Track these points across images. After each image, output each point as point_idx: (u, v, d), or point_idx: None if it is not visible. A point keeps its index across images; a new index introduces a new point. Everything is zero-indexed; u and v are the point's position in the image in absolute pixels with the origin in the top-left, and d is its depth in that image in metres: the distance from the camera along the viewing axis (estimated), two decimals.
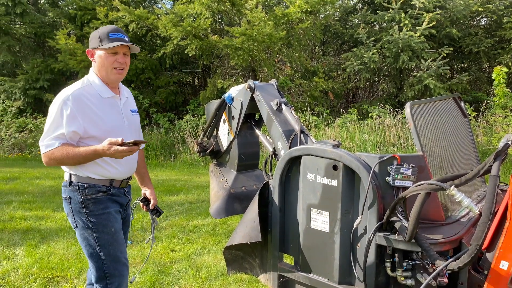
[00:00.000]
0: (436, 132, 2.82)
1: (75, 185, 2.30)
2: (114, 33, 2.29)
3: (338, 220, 2.36)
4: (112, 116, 2.35)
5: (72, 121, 2.21)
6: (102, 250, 2.30)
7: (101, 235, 2.30)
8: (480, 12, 10.51)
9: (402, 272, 2.18)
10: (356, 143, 7.87)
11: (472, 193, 2.90)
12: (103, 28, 2.32)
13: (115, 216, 2.37)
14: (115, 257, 2.33)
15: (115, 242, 2.34)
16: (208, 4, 9.97)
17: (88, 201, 2.28)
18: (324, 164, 2.38)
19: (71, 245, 4.33)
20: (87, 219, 2.28)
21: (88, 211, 2.28)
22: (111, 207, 2.36)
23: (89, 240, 2.31)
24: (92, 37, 2.33)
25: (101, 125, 2.28)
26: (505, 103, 8.36)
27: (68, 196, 2.31)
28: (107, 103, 2.34)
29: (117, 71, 2.35)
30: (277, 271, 2.71)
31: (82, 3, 11.48)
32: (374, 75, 10.89)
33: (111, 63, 2.31)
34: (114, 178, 2.37)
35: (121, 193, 2.45)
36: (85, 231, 2.31)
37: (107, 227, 2.31)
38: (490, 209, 1.85)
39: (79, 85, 2.31)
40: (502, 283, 2.02)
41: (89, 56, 2.35)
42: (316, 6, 10.03)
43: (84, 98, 2.26)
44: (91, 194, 2.29)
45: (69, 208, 2.32)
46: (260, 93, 3.03)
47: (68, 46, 10.62)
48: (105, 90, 2.35)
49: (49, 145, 2.21)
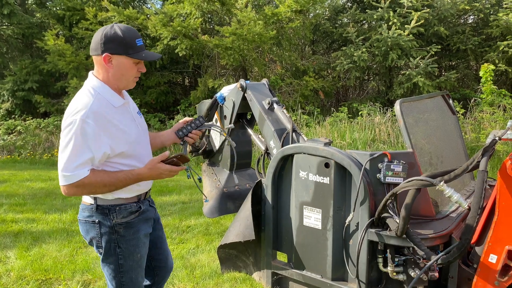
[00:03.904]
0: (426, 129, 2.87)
1: (104, 208, 2.09)
2: (139, 38, 2.06)
3: (331, 217, 2.39)
4: (130, 126, 2.14)
5: (99, 142, 1.95)
6: (124, 275, 2.18)
7: (126, 262, 2.16)
8: (467, 11, 10.64)
9: (394, 268, 2.22)
10: (347, 141, 7.92)
11: (462, 189, 2.96)
12: (126, 31, 2.02)
13: (143, 241, 2.24)
14: (136, 282, 2.25)
15: (139, 268, 2.24)
16: (197, 4, 9.95)
17: (119, 226, 2.11)
18: (316, 162, 2.41)
19: (64, 247, 4.31)
20: (116, 244, 2.12)
21: (119, 236, 2.12)
22: (141, 230, 2.20)
23: (113, 266, 2.17)
24: (111, 39, 1.99)
25: (126, 138, 2.07)
26: (493, 100, 8.48)
27: (96, 221, 2.09)
28: (120, 113, 2.10)
29: (136, 79, 2.16)
30: (271, 269, 2.73)
31: (70, 4, 11.39)
32: (363, 73, 10.96)
33: (134, 74, 2.10)
34: (142, 192, 2.22)
35: (148, 206, 2.30)
36: (110, 257, 2.15)
37: (134, 254, 2.18)
38: (479, 204, 1.89)
39: (90, 97, 2.00)
40: (491, 276, 2.07)
41: (105, 60, 2.01)
42: (305, 5, 10.07)
43: (103, 112, 1.99)
44: (122, 217, 2.11)
45: (96, 233, 2.11)
46: (252, 92, 3.04)
47: (57, 47, 10.53)
48: (116, 98, 2.09)
49: (76, 174, 1.91)
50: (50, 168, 8.98)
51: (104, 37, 1.99)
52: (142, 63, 2.11)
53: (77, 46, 12.11)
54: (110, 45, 1.99)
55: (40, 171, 8.56)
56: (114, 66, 2.03)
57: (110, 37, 1.99)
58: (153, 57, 2.11)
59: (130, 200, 2.16)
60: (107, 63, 2.02)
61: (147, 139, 2.31)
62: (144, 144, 2.26)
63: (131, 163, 2.13)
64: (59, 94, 12.09)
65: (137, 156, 2.17)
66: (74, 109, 1.95)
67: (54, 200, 6.15)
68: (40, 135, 10.87)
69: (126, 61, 2.03)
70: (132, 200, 2.17)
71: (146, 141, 2.29)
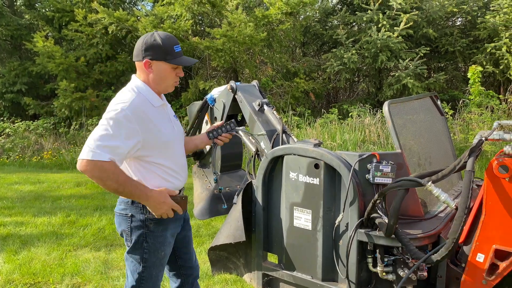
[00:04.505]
0: (414, 130, 2.90)
1: (139, 203, 2.18)
2: (177, 45, 2.18)
3: (321, 218, 2.40)
4: (166, 125, 2.25)
5: (132, 134, 2.03)
6: (145, 270, 2.26)
7: (150, 257, 2.25)
8: (455, 13, 10.76)
9: (384, 268, 2.23)
10: (337, 142, 7.96)
11: (450, 189, 2.99)
12: (165, 39, 2.15)
13: (169, 240, 2.32)
14: (155, 280, 2.32)
15: (160, 266, 2.32)
16: (188, 6, 9.95)
17: (150, 221, 2.21)
18: (306, 163, 2.42)
19: (53, 250, 4.27)
20: (144, 239, 2.21)
21: (148, 231, 2.21)
22: (170, 228, 2.30)
23: (136, 259, 2.25)
24: (151, 46, 2.13)
25: (160, 137, 2.16)
26: (480, 101, 8.58)
27: (129, 214, 2.21)
28: (158, 112, 2.21)
29: (175, 84, 2.29)
30: (262, 270, 2.73)
31: (59, 5, 11.31)
32: (353, 75, 11.03)
33: (173, 78, 2.23)
34: (175, 190, 2.29)
35: None
36: (137, 250, 2.24)
37: (159, 251, 2.27)
38: (466, 203, 1.91)
39: (132, 93, 2.13)
40: (479, 275, 2.10)
41: (145, 66, 2.15)
42: (295, 7, 10.12)
43: (143, 107, 2.11)
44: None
45: (127, 226, 2.22)
46: (242, 94, 3.05)
47: (46, 48, 10.45)
48: (156, 98, 2.21)
49: (98, 154, 1.94)
50: (39, 171, 8.90)
51: (144, 44, 2.14)
52: (181, 68, 2.24)
53: (67, 48, 12.04)
54: (150, 52, 2.13)
55: (29, 173, 8.47)
56: (154, 71, 2.16)
57: (150, 44, 2.13)
58: (190, 62, 2.25)
59: None
60: (148, 69, 2.16)
61: (181, 141, 2.39)
62: (178, 146, 2.33)
63: (164, 163, 2.21)
64: (49, 96, 12.00)
65: (170, 157, 2.25)
66: (118, 101, 2.08)
67: (43, 203, 6.09)
68: (29, 137, 10.77)
69: (165, 66, 2.16)
70: None
71: (180, 143, 2.37)
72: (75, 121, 10.79)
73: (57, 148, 10.20)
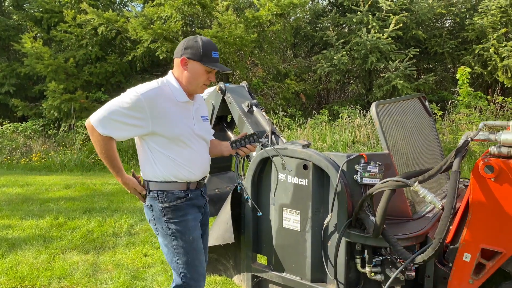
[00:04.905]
0: (403, 131, 2.91)
1: (154, 193, 2.31)
2: (215, 51, 2.31)
3: (309, 219, 2.41)
4: (184, 120, 2.31)
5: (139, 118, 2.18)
6: (180, 258, 2.32)
7: (179, 243, 2.31)
8: (444, 15, 10.86)
9: (372, 268, 2.24)
10: (327, 143, 7.99)
11: (438, 189, 3.01)
12: (206, 43, 2.29)
13: (193, 224, 2.35)
14: (193, 266, 2.35)
15: (193, 251, 2.34)
16: (178, 7, 9.91)
17: (167, 209, 2.30)
18: (294, 164, 2.42)
19: (40, 253, 4.22)
20: (167, 226, 2.30)
21: (167, 218, 2.30)
22: (190, 213, 2.35)
23: (169, 247, 2.34)
24: (190, 46, 2.27)
25: (170, 128, 2.25)
26: (469, 102, 8.67)
27: (149, 204, 2.34)
28: (180, 107, 2.31)
29: (205, 87, 2.37)
30: (251, 272, 2.73)
31: (48, 6, 11.19)
32: (344, 76, 11.07)
33: (204, 80, 2.31)
34: (190, 181, 2.36)
35: (198, 195, 2.42)
36: (165, 238, 2.34)
37: (186, 235, 2.31)
38: (452, 204, 1.93)
39: (158, 84, 2.29)
40: (466, 274, 2.11)
41: (182, 63, 2.28)
42: (286, 8, 10.13)
43: (158, 97, 2.22)
44: (170, 201, 2.30)
45: (151, 215, 2.35)
46: (231, 95, 3.05)
47: (35, 49, 10.32)
48: (182, 94, 2.32)
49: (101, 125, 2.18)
50: (27, 173, 8.80)
51: (185, 43, 2.29)
52: (213, 73, 2.32)
53: (56, 49, 11.91)
54: (188, 51, 2.27)
55: (17, 176, 8.36)
56: (189, 69, 2.29)
57: (190, 44, 2.27)
58: (223, 69, 2.35)
59: (178, 187, 2.32)
60: (183, 66, 2.29)
61: (201, 140, 2.41)
62: (196, 144, 2.35)
63: (174, 156, 2.28)
64: (37, 98, 11.86)
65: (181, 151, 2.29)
66: (141, 86, 2.25)
67: (31, 206, 6.02)
68: (17, 139, 10.62)
69: (199, 67, 2.27)
70: (180, 187, 2.32)
71: (199, 142, 2.38)
72: (64, 122, 10.68)
73: (46, 150, 10.09)
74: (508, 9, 9.33)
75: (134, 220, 5.20)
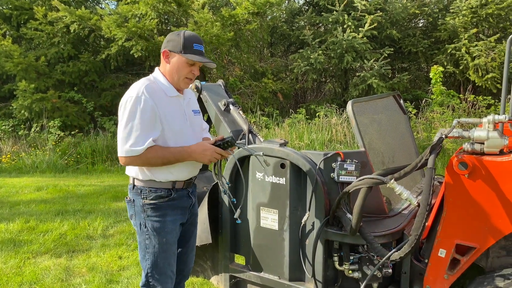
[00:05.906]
0: (378, 129, 2.94)
1: (138, 188, 2.28)
2: (198, 44, 2.28)
3: (287, 218, 2.39)
4: (178, 115, 2.30)
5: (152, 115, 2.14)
6: (149, 258, 2.29)
7: (151, 242, 2.28)
8: (417, 15, 11.07)
9: (349, 266, 2.25)
10: (305, 142, 8.02)
11: (413, 186, 3.05)
12: (188, 35, 2.27)
13: (170, 227, 2.30)
14: (161, 268, 2.30)
15: (164, 253, 2.29)
16: (153, 5, 9.76)
17: (148, 206, 2.27)
18: (272, 163, 2.40)
19: (10, 258, 4.08)
20: (144, 223, 2.28)
21: (146, 215, 2.28)
22: (169, 215, 2.30)
23: (141, 245, 2.32)
24: (172, 39, 2.26)
25: (170, 125, 2.23)
26: (442, 100, 8.86)
27: (132, 199, 2.32)
28: (172, 102, 2.29)
29: (188, 81, 2.33)
30: (229, 272, 2.70)
31: (18, 3, 10.85)
32: (320, 75, 11.15)
33: (186, 73, 2.28)
34: (177, 180, 2.30)
35: (184, 195, 2.35)
36: (140, 235, 2.32)
37: (160, 236, 2.28)
38: (427, 200, 1.94)
39: (147, 81, 2.26)
40: (441, 270, 2.14)
41: (163, 56, 2.28)
42: (262, 7, 10.12)
43: (156, 92, 2.21)
44: (151, 199, 2.26)
45: (133, 211, 2.33)
46: (208, 93, 3.01)
47: (4, 47, 10.00)
48: (171, 89, 2.30)
49: (130, 150, 2.12)
50: None
51: (169, 36, 2.30)
52: (197, 66, 2.29)
53: (26, 47, 11.55)
54: (170, 43, 2.26)
55: None
56: (171, 62, 2.27)
57: (173, 37, 2.27)
58: (204, 61, 2.28)
59: (162, 185, 2.27)
60: (165, 58, 2.28)
61: (191, 135, 2.36)
62: (186, 139, 2.30)
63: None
64: (7, 97, 11.47)
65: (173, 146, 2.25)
66: (131, 91, 2.20)
67: (1, 209, 5.81)
68: None
69: (180, 58, 2.24)
70: (165, 186, 2.28)
71: (189, 137, 2.33)
72: (35, 123, 10.37)
73: (17, 152, 9.78)
74: (479, 10, 9.58)
75: (109, 222, 5.09)
